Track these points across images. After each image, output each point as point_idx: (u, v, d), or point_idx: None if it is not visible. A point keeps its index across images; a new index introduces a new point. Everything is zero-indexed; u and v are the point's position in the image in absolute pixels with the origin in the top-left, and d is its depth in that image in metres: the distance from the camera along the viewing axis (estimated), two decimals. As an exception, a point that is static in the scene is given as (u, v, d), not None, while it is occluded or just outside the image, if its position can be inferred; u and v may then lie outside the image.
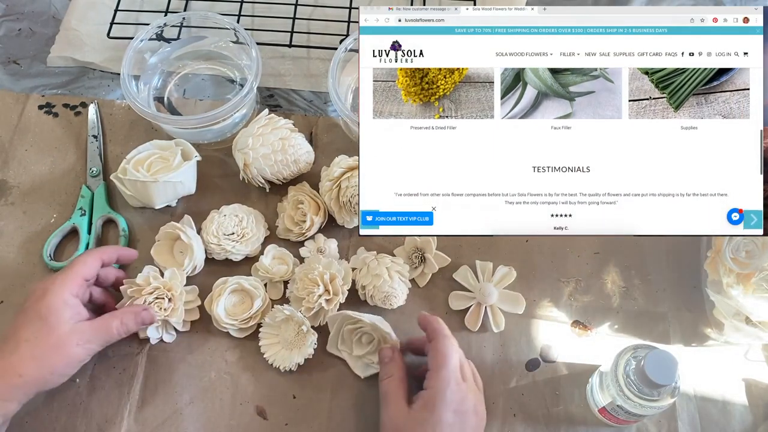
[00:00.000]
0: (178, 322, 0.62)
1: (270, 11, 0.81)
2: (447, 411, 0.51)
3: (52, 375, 0.53)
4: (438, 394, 0.52)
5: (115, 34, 0.78)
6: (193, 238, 0.65)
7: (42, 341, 0.52)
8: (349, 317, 0.61)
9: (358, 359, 0.62)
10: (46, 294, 0.54)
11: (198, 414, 0.60)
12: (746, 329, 0.62)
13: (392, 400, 0.54)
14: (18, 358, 0.52)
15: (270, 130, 0.67)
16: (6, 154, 0.73)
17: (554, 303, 0.66)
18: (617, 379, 0.54)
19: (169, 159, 0.66)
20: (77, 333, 0.54)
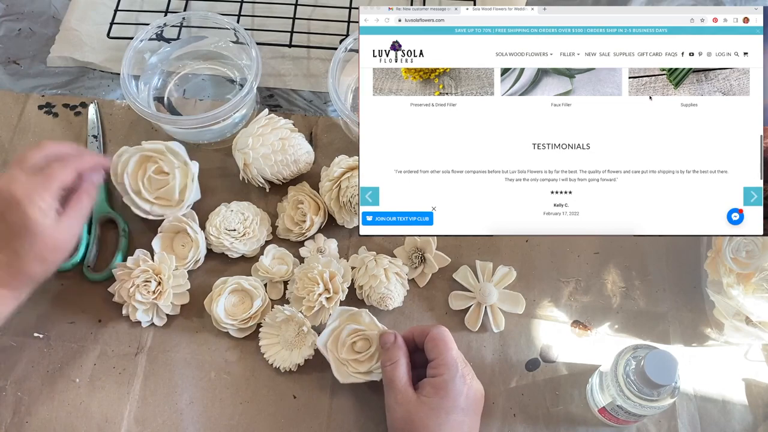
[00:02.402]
0: (166, 305, 0.63)
1: (270, 11, 0.81)
2: (460, 396, 0.52)
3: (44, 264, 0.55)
4: (449, 381, 0.52)
5: (115, 34, 0.78)
6: (199, 233, 0.65)
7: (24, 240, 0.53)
8: (335, 331, 0.60)
9: (342, 364, 0.59)
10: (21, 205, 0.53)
11: (198, 414, 0.60)
12: (746, 329, 0.62)
13: (399, 385, 0.53)
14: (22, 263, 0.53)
15: (270, 130, 0.67)
16: (6, 154, 0.73)
17: (554, 303, 0.66)
18: (617, 379, 0.54)
19: (172, 188, 0.64)
20: (60, 229, 0.54)
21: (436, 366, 0.53)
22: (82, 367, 0.62)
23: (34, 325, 0.64)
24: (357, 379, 0.59)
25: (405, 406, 0.52)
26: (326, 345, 0.60)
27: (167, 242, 0.66)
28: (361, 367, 0.59)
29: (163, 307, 0.63)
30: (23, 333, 0.63)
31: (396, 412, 0.53)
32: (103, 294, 0.65)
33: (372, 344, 0.59)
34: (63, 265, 0.65)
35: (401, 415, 0.52)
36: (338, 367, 0.59)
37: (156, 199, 0.64)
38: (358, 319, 0.60)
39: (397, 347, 0.56)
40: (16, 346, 0.63)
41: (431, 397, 0.52)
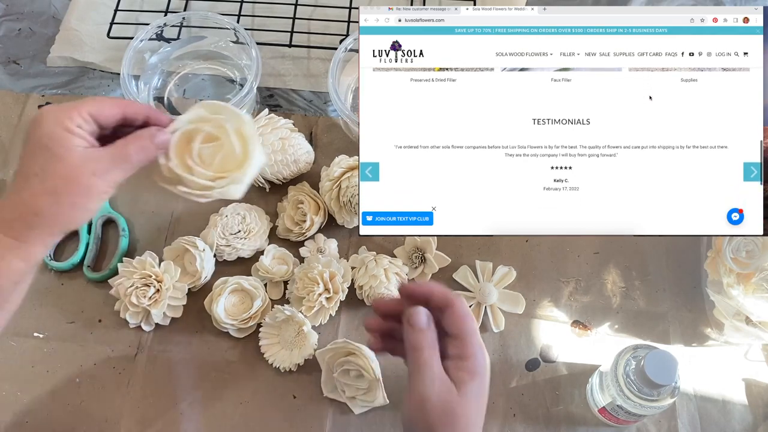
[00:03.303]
0: (158, 314, 0.62)
1: (270, 11, 0.81)
2: (487, 379, 0.46)
3: (74, 210, 0.45)
4: (482, 364, 0.46)
5: (115, 34, 0.78)
6: (206, 252, 0.64)
7: (51, 173, 0.44)
8: (335, 350, 0.60)
9: (352, 399, 0.60)
10: (42, 122, 0.45)
11: (198, 414, 0.60)
12: (746, 329, 0.62)
13: (436, 372, 0.45)
14: (30, 195, 0.44)
15: (270, 130, 0.67)
16: (6, 154, 0.73)
17: (554, 303, 0.66)
18: (617, 379, 0.54)
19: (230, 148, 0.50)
20: (91, 161, 0.45)
21: (464, 346, 0.46)
22: (82, 367, 0.62)
23: (34, 325, 0.64)
24: (370, 406, 0.59)
25: (444, 396, 0.45)
26: (332, 390, 0.61)
27: (173, 254, 0.66)
28: (369, 397, 0.60)
29: (155, 316, 0.62)
30: (23, 333, 0.63)
31: (428, 400, 0.45)
32: (103, 294, 0.65)
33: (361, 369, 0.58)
34: (63, 265, 0.66)
35: (440, 407, 0.45)
36: (352, 403, 0.60)
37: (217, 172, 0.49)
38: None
39: (433, 329, 0.47)
40: (16, 346, 0.63)
41: (468, 384, 0.45)
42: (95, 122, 0.46)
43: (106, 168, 0.46)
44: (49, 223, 0.45)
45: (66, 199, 0.45)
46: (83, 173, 0.45)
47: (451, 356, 0.46)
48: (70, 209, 0.45)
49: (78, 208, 0.45)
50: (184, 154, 0.49)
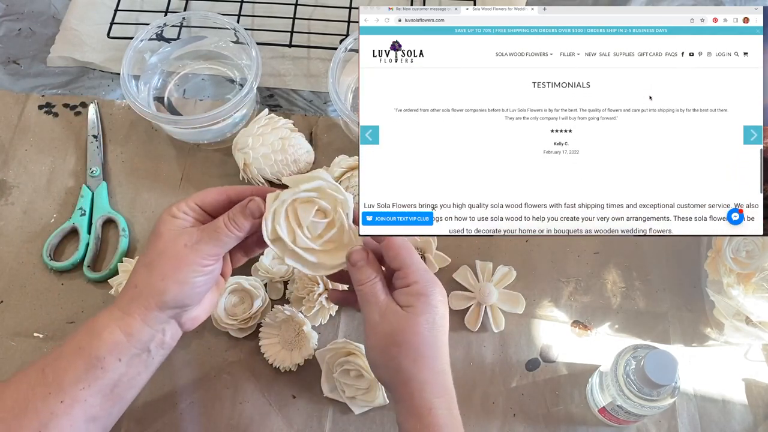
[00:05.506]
0: None
1: (270, 11, 0.81)
2: (441, 304, 0.48)
3: (165, 281, 0.48)
4: (428, 287, 0.48)
5: (115, 34, 0.78)
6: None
7: (151, 249, 0.49)
8: (335, 350, 0.60)
9: (352, 399, 0.60)
10: (159, 216, 0.51)
11: (198, 414, 0.60)
12: (746, 329, 0.62)
13: (382, 299, 0.48)
14: (134, 270, 0.50)
15: (270, 130, 0.67)
16: (6, 154, 0.73)
17: (554, 303, 0.66)
18: (617, 379, 0.54)
19: (341, 227, 0.52)
20: (184, 235, 0.49)
21: (406, 275, 0.48)
22: (82, 367, 0.62)
23: (34, 325, 0.64)
24: (370, 406, 0.60)
25: (390, 318, 0.47)
26: (331, 390, 0.61)
27: None
28: (369, 397, 0.60)
29: None
30: (23, 333, 0.63)
31: (380, 328, 0.47)
32: (103, 294, 0.65)
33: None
34: (63, 265, 0.66)
35: (387, 329, 0.47)
36: (351, 403, 0.60)
37: (322, 245, 0.51)
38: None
39: (372, 264, 0.50)
40: (16, 346, 0.63)
41: (415, 305, 0.47)
42: (201, 208, 0.51)
43: (197, 239, 0.49)
44: (144, 294, 0.48)
45: (157, 270, 0.48)
46: (175, 245, 0.48)
47: (398, 287, 0.49)
48: (161, 280, 0.48)
49: (168, 278, 0.48)
50: (292, 222, 0.51)
